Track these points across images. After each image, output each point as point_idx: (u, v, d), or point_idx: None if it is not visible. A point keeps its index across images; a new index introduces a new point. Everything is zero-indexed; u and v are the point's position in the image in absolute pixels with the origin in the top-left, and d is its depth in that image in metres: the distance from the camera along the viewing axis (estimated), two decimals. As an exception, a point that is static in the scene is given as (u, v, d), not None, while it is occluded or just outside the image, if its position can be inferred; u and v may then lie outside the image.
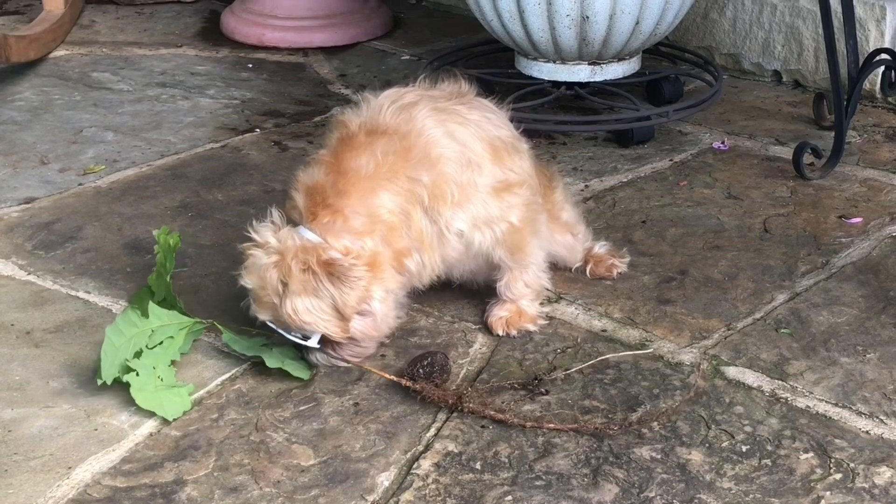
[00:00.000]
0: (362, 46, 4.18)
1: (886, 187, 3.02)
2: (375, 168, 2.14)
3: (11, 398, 2.18)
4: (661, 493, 1.92)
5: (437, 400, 2.11)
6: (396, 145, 2.15)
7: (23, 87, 3.75)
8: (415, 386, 2.12)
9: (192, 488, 1.95)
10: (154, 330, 2.24)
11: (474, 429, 2.08)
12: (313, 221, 2.14)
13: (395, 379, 2.15)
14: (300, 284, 2.08)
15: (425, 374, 2.14)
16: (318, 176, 2.17)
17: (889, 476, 1.96)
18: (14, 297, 2.53)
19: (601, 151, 3.28)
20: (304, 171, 2.21)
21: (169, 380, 2.17)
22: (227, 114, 3.56)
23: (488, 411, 2.07)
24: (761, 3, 3.73)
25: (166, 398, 2.12)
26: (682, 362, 2.28)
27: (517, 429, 2.08)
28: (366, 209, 2.14)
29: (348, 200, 2.13)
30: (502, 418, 2.06)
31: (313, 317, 2.10)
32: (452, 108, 2.24)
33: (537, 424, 2.04)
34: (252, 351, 2.26)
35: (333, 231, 2.13)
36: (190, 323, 2.31)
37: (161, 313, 2.27)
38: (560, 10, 3.16)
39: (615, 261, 2.59)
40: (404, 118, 2.18)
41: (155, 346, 2.22)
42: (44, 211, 2.93)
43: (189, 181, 3.09)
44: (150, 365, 2.17)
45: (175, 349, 2.25)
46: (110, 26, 4.37)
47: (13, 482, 1.96)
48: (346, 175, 2.14)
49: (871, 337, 2.36)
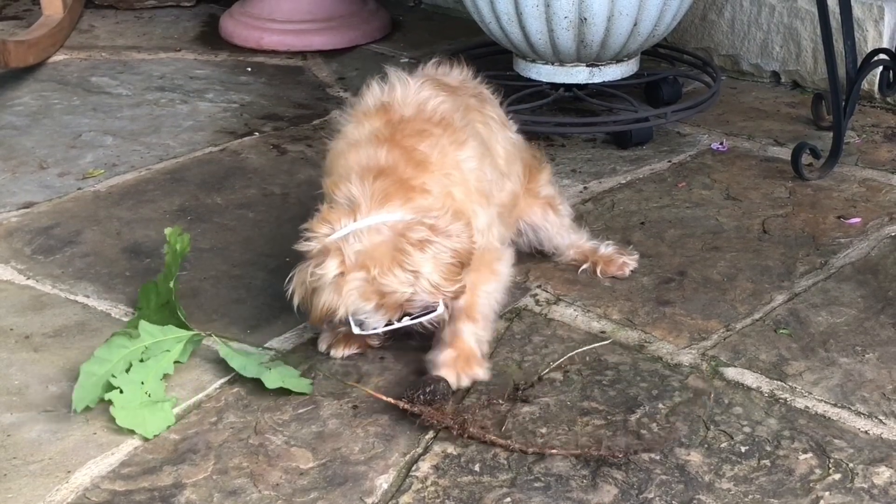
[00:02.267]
0: (361, 49, 4.18)
1: (885, 187, 3.02)
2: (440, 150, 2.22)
3: (10, 402, 2.19)
4: (661, 494, 1.92)
5: (436, 424, 2.05)
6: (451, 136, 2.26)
7: (22, 91, 3.75)
8: (413, 409, 2.07)
9: (191, 492, 1.95)
10: (148, 346, 2.19)
11: (479, 420, 2.07)
12: (391, 202, 2.13)
13: (392, 401, 2.11)
14: (427, 263, 2.09)
15: (426, 400, 2.08)
16: (383, 159, 2.18)
17: (888, 476, 1.96)
18: (13, 302, 2.53)
19: (600, 153, 3.28)
20: (353, 155, 2.20)
21: (157, 394, 2.13)
22: (225, 117, 3.56)
23: (489, 437, 2.03)
24: (759, 4, 3.73)
25: (149, 414, 2.08)
26: (681, 363, 2.28)
27: (517, 430, 2.08)
28: (439, 183, 2.20)
29: (424, 177, 2.18)
30: (503, 444, 2.02)
31: (447, 281, 2.11)
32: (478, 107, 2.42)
33: (540, 450, 2.00)
34: (250, 371, 2.21)
35: (417, 204, 2.15)
36: (187, 336, 2.27)
37: (153, 330, 2.22)
38: (558, 13, 3.16)
39: (625, 258, 2.59)
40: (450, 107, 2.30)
41: (147, 360, 2.18)
42: (43, 215, 2.93)
43: (188, 185, 3.10)
44: (137, 380, 2.12)
45: (169, 362, 2.20)
46: (109, 31, 4.37)
47: (12, 486, 1.96)
48: (414, 155, 2.19)
49: (870, 337, 2.36)
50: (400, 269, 2.08)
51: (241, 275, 2.63)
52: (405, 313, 2.15)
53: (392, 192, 2.13)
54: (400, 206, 2.12)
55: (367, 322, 2.15)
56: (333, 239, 2.11)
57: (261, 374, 2.20)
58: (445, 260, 2.11)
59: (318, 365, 2.28)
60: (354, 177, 2.16)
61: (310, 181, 3.12)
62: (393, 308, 2.13)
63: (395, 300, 2.11)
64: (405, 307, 2.13)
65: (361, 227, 2.10)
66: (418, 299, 2.12)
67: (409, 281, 2.09)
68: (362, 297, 2.10)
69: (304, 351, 2.34)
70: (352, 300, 2.10)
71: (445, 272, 2.11)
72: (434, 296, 2.12)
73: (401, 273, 2.08)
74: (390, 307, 2.12)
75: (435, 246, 2.09)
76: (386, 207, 2.12)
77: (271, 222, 2.89)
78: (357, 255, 2.08)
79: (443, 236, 2.10)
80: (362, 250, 2.08)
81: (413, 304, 2.13)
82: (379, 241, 2.09)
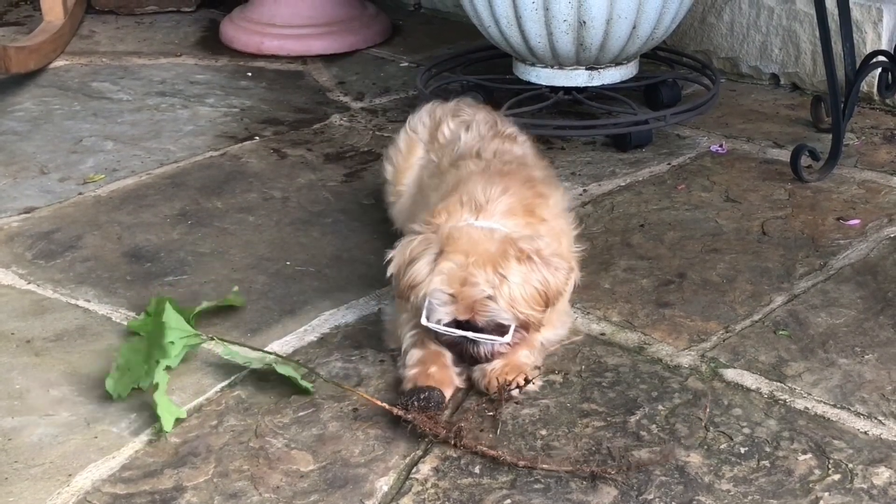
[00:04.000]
0: (361, 54, 4.19)
1: (884, 189, 3.03)
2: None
3: (12, 406, 2.19)
4: (660, 495, 1.93)
5: (427, 431, 2.04)
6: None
7: (23, 97, 3.76)
8: (406, 416, 2.06)
9: (191, 494, 1.95)
10: (172, 341, 2.25)
11: (474, 430, 2.08)
12: (514, 216, 2.23)
13: (387, 407, 2.11)
14: (519, 274, 2.13)
15: (420, 407, 2.07)
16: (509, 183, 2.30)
17: (887, 476, 1.96)
18: (14, 307, 2.54)
19: (599, 156, 3.28)
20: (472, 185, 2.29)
21: (163, 387, 2.14)
22: (226, 122, 3.57)
23: (480, 447, 2.01)
24: (758, 7, 3.73)
25: (165, 407, 2.11)
26: (681, 365, 2.29)
27: (516, 432, 2.08)
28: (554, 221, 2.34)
29: (544, 211, 2.31)
30: (494, 455, 2.00)
31: (528, 304, 2.14)
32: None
33: (531, 465, 1.99)
34: (255, 362, 2.25)
35: (535, 228, 2.25)
36: (191, 334, 2.30)
37: (178, 322, 2.28)
38: (557, 16, 3.17)
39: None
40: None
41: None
42: (44, 220, 2.94)
43: (188, 189, 3.10)
44: (162, 369, 2.17)
45: (174, 356, 2.23)
46: (110, 36, 4.38)
47: (13, 490, 1.96)
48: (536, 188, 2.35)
49: (870, 338, 2.36)
50: (492, 267, 2.12)
51: (242, 279, 2.64)
52: (475, 327, 2.15)
53: (516, 210, 2.23)
54: (520, 221, 2.22)
55: (437, 311, 2.15)
56: (450, 226, 2.18)
57: (270, 364, 2.21)
58: (535, 284, 2.15)
59: (319, 368, 2.29)
60: (482, 185, 2.27)
61: (310, 185, 3.13)
62: (467, 305, 2.14)
63: (472, 295, 2.12)
64: (477, 311, 2.14)
65: (480, 225, 2.18)
66: (492, 309, 2.13)
67: (494, 283, 2.12)
68: (448, 279, 2.13)
69: (304, 355, 2.34)
70: (437, 280, 2.14)
71: (528, 296, 2.14)
72: (508, 311, 2.13)
73: (491, 271, 2.12)
74: (465, 302, 2.13)
75: (533, 265, 2.15)
76: (507, 218, 2.21)
77: (271, 226, 2.90)
78: (464, 243, 2.15)
79: (543, 262, 2.16)
80: (470, 243, 2.15)
81: (485, 313, 2.14)
82: (488, 241, 2.15)
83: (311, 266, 2.70)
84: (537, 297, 2.15)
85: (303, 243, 2.81)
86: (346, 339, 2.40)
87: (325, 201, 3.03)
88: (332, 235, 2.85)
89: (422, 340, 2.23)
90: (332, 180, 3.15)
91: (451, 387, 2.18)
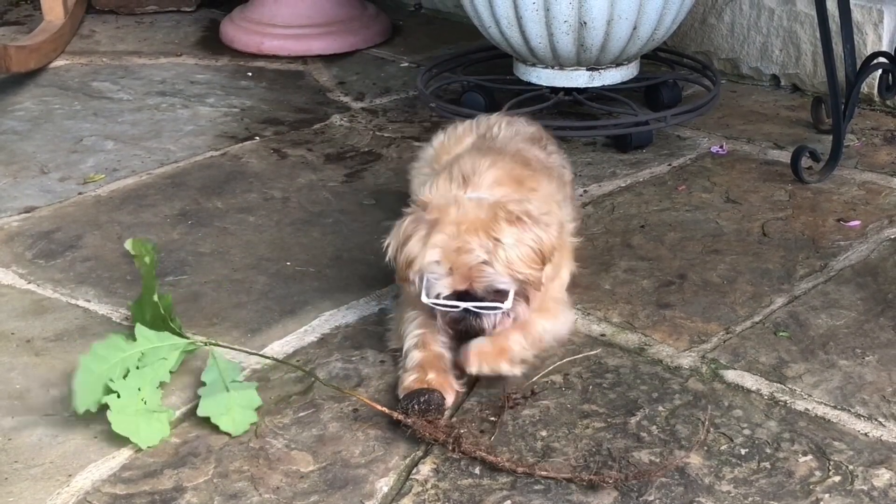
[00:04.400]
0: (361, 54, 4.19)
1: (885, 190, 3.03)
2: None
3: (12, 406, 2.19)
4: (660, 496, 1.92)
5: (427, 436, 2.04)
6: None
7: (23, 96, 3.76)
8: (406, 420, 2.06)
9: (191, 495, 1.95)
10: (144, 353, 2.17)
11: (473, 434, 2.08)
12: (502, 185, 2.26)
13: (386, 411, 2.10)
14: (512, 236, 2.14)
15: (420, 411, 2.06)
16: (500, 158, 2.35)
17: (888, 478, 1.96)
18: (14, 306, 2.54)
19: (600, 156, 3.28)
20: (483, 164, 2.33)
21: (153, 402, 2.11)
22: (226, 122, 3.57)
23: (480, 453, 2.01)
24: (759, 8, 3.73)
25: (144, 424, 2.07)
26: (681, 366, 2.29)
27: (516, 433, 2.08)
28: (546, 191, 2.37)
29: (534, 182, 2.35)
30: (493, 461, 1.99)
31: (525, 264, 2.16)
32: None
33: (529, 471, 1.97)
34: (205, 396, 2.14)
35: (523, 194, 2.28)
36: (183, 344, 2.25)
37: (150, 335, 2.20)
38: (558, 17, 3.17)
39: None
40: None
41: (144, 367, 2.15)
42: (44, 220, 2.94)
43: (189, 189, 3.10)
44: (134, 386, 2.10)
45: (165, 371, 2.19)
46: (110, 36, 4.38)
47: (13, 490, 1.96)
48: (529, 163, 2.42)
49: (870, 339, 2.36)
50: (485, 233, 2.13)
51: (242, 279, 2.64)
52: (473, 297, 2.16)
53: (504, 180, 2.26)
54: (507, 190, 2.24)
55: (435, 286, 2.15)
56: (439, 201, 2.20)
57: (202, 399, 2.13)
58: (529, 243, 2.16)
59: (319, 369, 2.29)
60: (471, 159, 2.31)
61: (310, 185, 3.13)
62: (463, 274, 2.14)
63: (467, 262, 2.13)
64: (474, 277, 2.14)
65: (468, 196, 2.20)
66: (488, 274, 2.14)
67: (488, 248, 2.13)
68: (442, 251, 2.14)
69: (304, 355, 2.34)
70: (431, 253, 2.14)
71: (524, 255, 2.15)
72: (505, 275, 2.14)
73: (484, 237, 2.13)
74: (461, 271, 2.14)
75: (524, 226, 2.16)
76: (495, 188, 2.23)
77: (272, 226, 2.90)
78: (454, 214, 2.16)
79: (533, 222, 2.17)
80: (460, 212, 2.17)
81: (482, 279, 2.14)
82: (478, 209, 2.17)
83: (312, 266, 2.70)
84: (533, 256, 2.17)
85: (303, 243, 2.81)
86: (346, 340, 2.40)
87: (326, 201, 3.03)
88: (333, 236, 2.85)
89: (423, 342, 2.23)
90: (333, 180, 3.15)
91: (451, 392, 2.17)
